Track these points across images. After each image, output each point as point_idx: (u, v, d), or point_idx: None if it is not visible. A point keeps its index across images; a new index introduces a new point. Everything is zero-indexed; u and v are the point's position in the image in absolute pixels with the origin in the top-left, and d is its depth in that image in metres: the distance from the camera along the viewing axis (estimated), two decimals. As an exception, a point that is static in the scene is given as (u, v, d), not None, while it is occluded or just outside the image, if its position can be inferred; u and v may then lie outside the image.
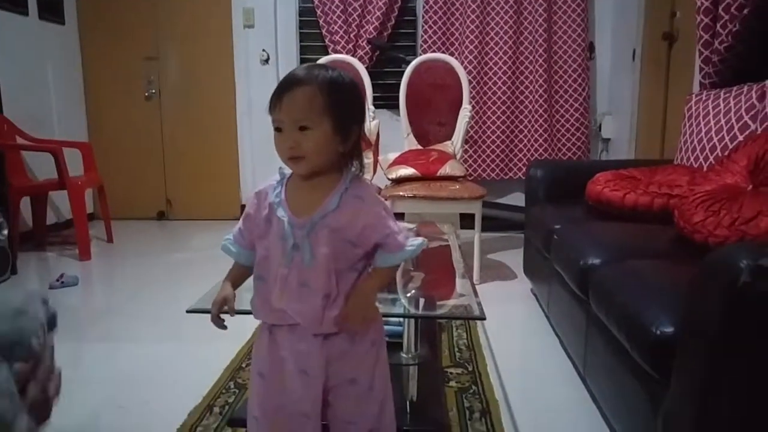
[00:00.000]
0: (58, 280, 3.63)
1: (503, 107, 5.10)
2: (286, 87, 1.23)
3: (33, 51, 4.95)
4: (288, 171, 1.34)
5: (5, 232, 3.78)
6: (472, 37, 4.99)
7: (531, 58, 5.05)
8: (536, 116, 5.08)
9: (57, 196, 4.93)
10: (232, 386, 2.29)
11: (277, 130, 1.26)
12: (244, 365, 2.46)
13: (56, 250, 4.66)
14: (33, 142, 4.55)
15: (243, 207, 5.75)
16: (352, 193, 1.28)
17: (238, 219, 1.38)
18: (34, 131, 4.61)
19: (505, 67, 5.04)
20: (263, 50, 5.46)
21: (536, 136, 5.10)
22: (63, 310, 3.22)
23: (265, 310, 1.32)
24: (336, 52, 5.05)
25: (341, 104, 1.24)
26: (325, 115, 1.22)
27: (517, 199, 5.13)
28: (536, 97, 5.06)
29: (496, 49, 5.03)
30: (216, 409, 2.11)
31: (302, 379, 1.31)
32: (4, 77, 4.41)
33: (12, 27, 4.67)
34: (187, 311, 1.66)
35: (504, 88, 5.07)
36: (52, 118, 5.20)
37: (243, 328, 2.74)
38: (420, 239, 1.34)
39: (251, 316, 1.40)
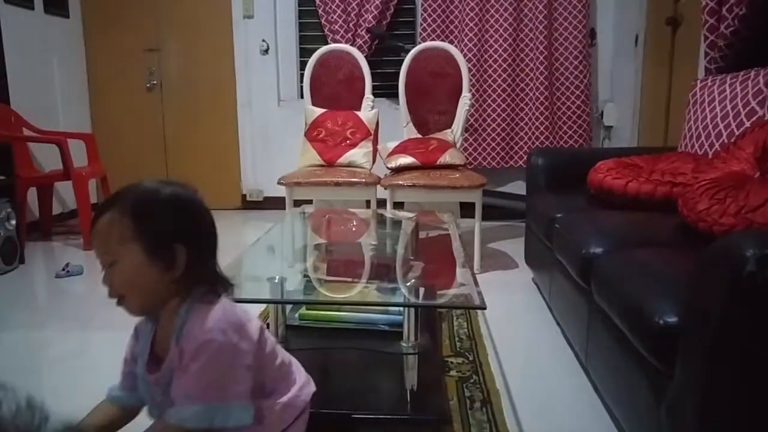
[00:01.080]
0: (64, 270, 3.67)
1: (503, 95, 5.07)
2: (95, 216, 1.08)
3: (39, 44, 4.97)
4: None
5: (13, 222, 3.83)
6: (471, 24, 4.95)
7: (531, 45, 5.01)
8: (537, 104, 5.05)
9: (62, 187, 4.94)
10: (232, 377, 2.27)
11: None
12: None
13: (61, 239, 4.69)
14: (39, 134, 4.60)
15: (244, 196, 5.79)
16: (184, 332, 1.08)
17: (239, 209, 1.33)
18: (39, 123, 4.66)
19: (505, 55, 5.01)
20: (263, 40, 5.44)
21: (537, 123, 5.07)
22: (68, 299, 3.24)
23: None
24: (335, 41, 5.02)
25: (152, 226, 1.06)
26: (130, 243, 1.05)
27: (518, 187, 5.12)
28: (537, 84, 5.02)
29: (496, 36, 4.99)
30: None
31: None
32: (11, 70, 4.45)
33: (19, 21, 4.69)
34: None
35: (504, 75, 5.04)
36: (57, 110, 5.22)
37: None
38: (244, 412, 1.11)
39: (255, 303, 1.35)
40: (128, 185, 1.10)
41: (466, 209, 3.88)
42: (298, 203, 3.70)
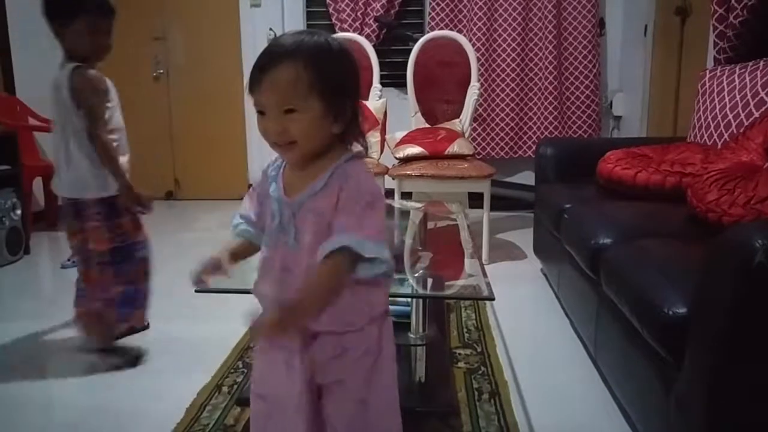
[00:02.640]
0: (69, 260, 3.65)
1: (512, 85, 5.05)
2: (266, 63, 1.08)
3: (44, 33, 4.92)
4: None
5: (18, 212, 3.83)
6: (480, 13, 4.93)
7: (540, 34, 4.99)
8: (546, 94, 5.03)
9: (67, 177, 4.93)
10: (241, 366, 2.29)
11: (260, 113, 1.12)
12: (252, 345, 2.46)
13: (66, 230, 4.68)
14: (45, 123, 4.56)
15: (251, 186, 5.74)
16: (341, 172, 1.13)
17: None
18: (45, 112, 4.62)
19: (514, 44, 4.98)
20: (270, 29, 5.41)
21: (546, 113, 5.05)
22: (74, 289, 3.22)
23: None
24: (343, 30, 5.00)
25: (331, 79, 1.09)
26: (313, 95, 1.08)
27: (527, 177, 5.10)
28: (546, 74, 5.00)
29: (505, 25, 4.97)
30: (225, 389, 2.11)
31: (288, 372, 1.22)
32: (17, 59, 4.44)
33: (25, 11, 4.64)
34: (196, 290, 1.65)
35: (513, 65, 5.02)
36: (62, 100, 5.19)
37: (252, 308, 2.76)
38: (386, 255, 1.12)
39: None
40: (292, 34, 1.12)
41: (475, 199, 3.87)
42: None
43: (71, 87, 2.29)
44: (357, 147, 1.19)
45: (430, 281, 1.84)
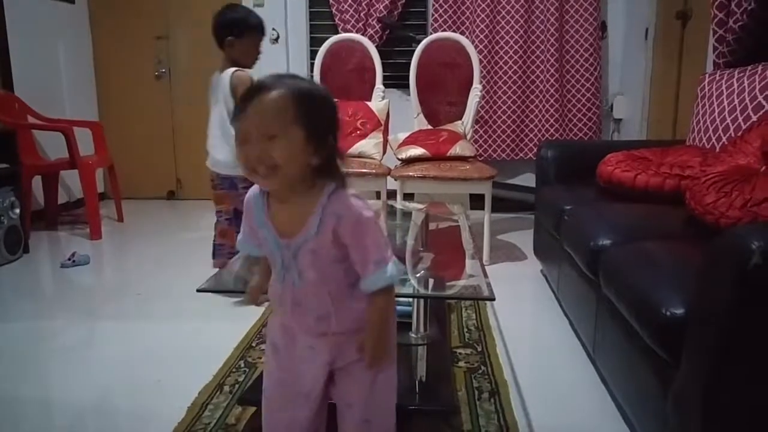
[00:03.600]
0: (69, 259, 3.67)
1: (514, 87, 5.06)
2: (251, 95, 1.17)
3: (44, 30, 4.96)
4: None
5: (17, 211, 3.81)
6: (483, 15, 4.94)
7: (542, 37, 5.00)
8: (547, 96, 5.04)
9: (68, 176, 4.94)
10: (242, 365, 2.30)
11: (242, 143, 1.16)
12: (254, 344, 2.47)
13: (67, 229, 4.70)
14: (44, 122, 4.58)
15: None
16: (331, 211, 1.20)
17: None
18: (45, 110, 4.63)
19: (516, 47, 5.00)
20: (273, 29, 5.43)
21: (547, 116, 5.06)
22: (74, 289, 3.25)
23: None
24: (346, 30, 5.02)
25: (313, 114, 1.17)
26: (296, 124, 1.15)
27: (528, 179, 5.11)
28: (547, 76, 5.02)
29: (507, 28, 4.99)
30: (226, 388, 2.12)
31: (309, 354, 1.31)
32: (15, 56, 4.43)
33: (23, 6, 4.67)
34: (198, 290, 1.67)
35: (515, 67, 5.03)
36: (62, 98, 5.21)
37: (252, 307, 2.77)
38: (393, 270, 1.24)
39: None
40: (279, 75, 1.23)
41: (476, 201, 3.89)
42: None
43: (231, 85, 3.15)
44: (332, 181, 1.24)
45: (431, 281, 1.86)
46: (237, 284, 1.68)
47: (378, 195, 3.81)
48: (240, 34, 3.13)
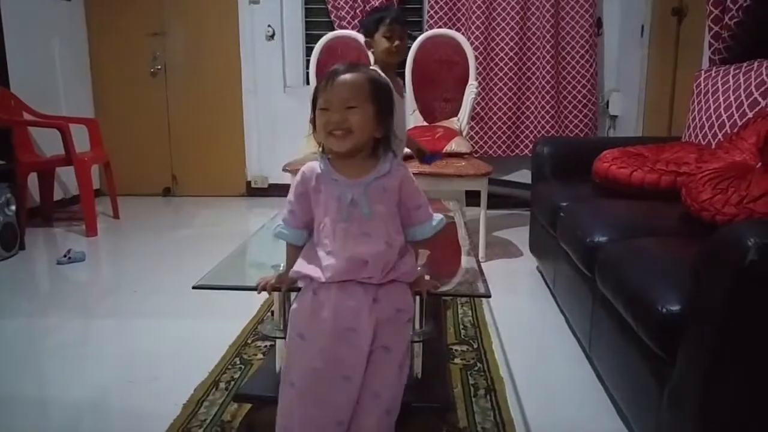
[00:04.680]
0: (65, 256, 3.65)
1: (510, 83, 5.06)
2: (337, 73, 1.39)
3: (40, 27, 4.94)
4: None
5: (13, 207, 3.81)
6: (478, 12, 4.94)
7: (538, 33, 5.00)
8: (543, 93, 5.04)
9: (64, 172, 4.94)
10: (238, 362, 2.30)
11: (324, 109, 1.38)
12: (249, 341, 2.47)
13: (63, 226, 4.69)
14: (40, 118, 4.57)
15: (248, 183, 5.79)
16: (397, 165, 1.45)
17: (244, 196, 1.41)
18: (40, 107, 4.62)
19: (512, 43, 5.00)
20: (268, 26, 5.43)
21: (543, 112, 5.07)
22: (70, 286, 3.25)
23: (317, 270, 1.41)
24: (341, 27, 5.01)
25: (383, 95, 1.41)
26: (370, 101, 1.38)
27: (524, 176, 5.11)
28: (543, 73, 5.02)
29: (503, 24, 4.98)
30: (222, 385, 2.12)
31: (349, 337, 1.38)
32: (11, 53, 4.42)
33: (20, 3, 4.65)
34: (193, 287, 1.67)
35: (511, 64, 5.03)
36: (58, 94, 5.21)
37: (248, 304, 2.77)
38: (440, 215, 1.51)
39: (256, 293, 1.48)
40: (353, 63, 1.45)
41: (472, 197, 3.89)
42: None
43: None
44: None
45: (427, 278, 1.85)
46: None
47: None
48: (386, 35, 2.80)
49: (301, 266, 1.44)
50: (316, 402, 1.39)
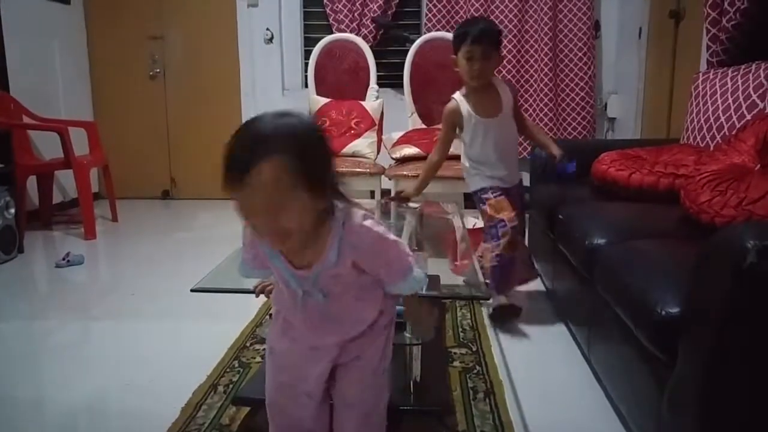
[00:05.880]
0: (64, 259, 3.65)
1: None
2: (245, 163, 1.04)
3: (39, 30, 4.95)
4: None
5: (12, 210, 3.81)
6: (476, 15, 4.94)
7: (536, 36, 5.01)
8: (541, 95, 5.04)
9: (63, 176, 4.92)
10: (237, 365, 2.29)
11: (249, 215, 1.10)
12: (248, 344, 2.47)
13: (62, 229, 4.69)
14: (39, 121, 4.57)
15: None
16: (347, 242, 1.19)
17: None
18: (39, 110, 4.62)
19: (510, 46, 5.00)
20: (267, 29, 5.43)
21: (541, 115, 5.07)
22: (69, 289, 3.24)
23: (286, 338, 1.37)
24: (340, 30, 5.02)
25: (311, 164, 1.07)
26: (298, 188, 1.05)
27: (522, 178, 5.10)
28: (541, 76, 5.02)
29: (501, 27, 4.97)
30: (220, 388, 2.12)
31: (312, 355, 1.33)
32: (10, 56, 4.42)
33: (18, 6, 4.65)
34: (192, 290, 1.67)
35: (509, 66, 5.03)
36: (57, 97, 5.21)
37: (247, 307, 2.77)
38: (419, 271, 1.30)
39: (254, 296, 1.50)
40: (258, 127, 1.11)
41: (471, 200, 3.88)
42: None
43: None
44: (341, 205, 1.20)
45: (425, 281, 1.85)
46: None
47: (372, 194, 3.81)
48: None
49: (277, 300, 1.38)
50: (283, 414, 1.40)
